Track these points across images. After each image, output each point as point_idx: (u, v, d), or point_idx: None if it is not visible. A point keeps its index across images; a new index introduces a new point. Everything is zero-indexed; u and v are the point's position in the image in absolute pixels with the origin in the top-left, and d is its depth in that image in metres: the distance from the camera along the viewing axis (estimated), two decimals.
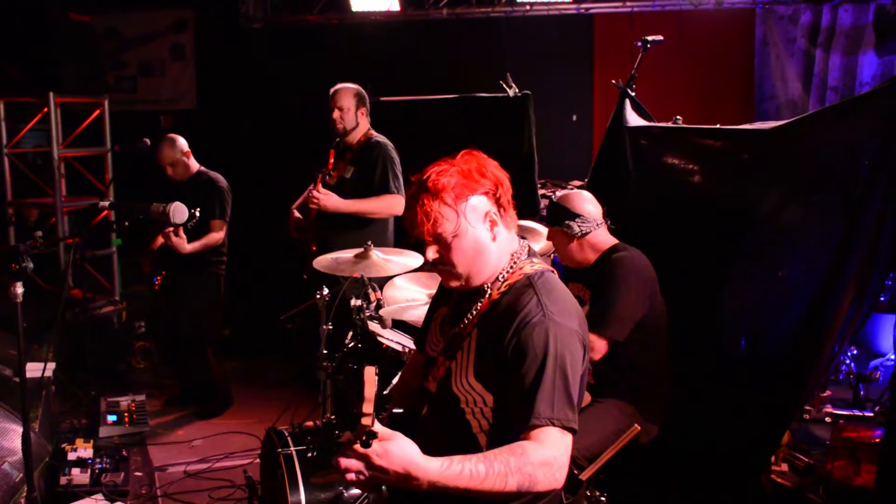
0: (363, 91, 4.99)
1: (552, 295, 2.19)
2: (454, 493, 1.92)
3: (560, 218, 3.68)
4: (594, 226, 3.65)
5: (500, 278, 2.28)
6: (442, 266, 2.26)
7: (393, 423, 2.40)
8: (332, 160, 4.89)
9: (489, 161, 2.27)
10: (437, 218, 2.16)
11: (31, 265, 3.15)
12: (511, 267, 2.29)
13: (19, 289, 3.15)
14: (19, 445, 3.87)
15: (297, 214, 5.12)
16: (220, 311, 5.64)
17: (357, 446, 1.84)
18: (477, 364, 2.22)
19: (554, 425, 2.02)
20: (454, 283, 2.29)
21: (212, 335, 5.62)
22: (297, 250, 5.20)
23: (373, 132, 5.00)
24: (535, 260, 2.33)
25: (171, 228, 4.93)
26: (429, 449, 1.95)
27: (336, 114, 4.87)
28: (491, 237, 2.23)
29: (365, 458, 1.85)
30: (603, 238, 3.69)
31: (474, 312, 2.29)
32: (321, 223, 4.87)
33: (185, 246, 5.07)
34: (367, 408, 1.79)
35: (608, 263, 3.61)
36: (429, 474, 1.88)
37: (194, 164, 5.43)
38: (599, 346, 3.44)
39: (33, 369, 3.76)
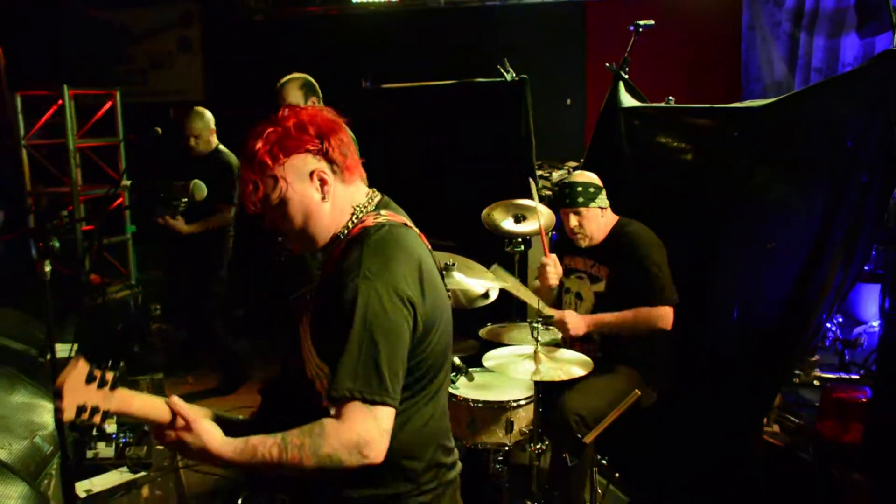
0: (309, 79, 4.86)
1: (379, 249, 1.90)
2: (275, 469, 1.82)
3: (592, 195, 3.67)
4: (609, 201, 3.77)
5: (341, 235, 2.02)
6: (279, 234, 2.04)
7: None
8: None
9: (315, 114, 2.00)
10: (256, 185, 1.95)
11: (57, 244, 3.08)
12: (353, 221, 2.02)
13: (48, 266, 3.08)
14: (49, 420, 4.01)
15: None
16: (224, 280, 5.63)
17: (169, 432, 1.85)
18: (312, 331, 2.01)
19: (355, 398, 1.78)
20: (297, 250, 2.08)
21: (218, 304, 5.64)
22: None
23: None
24: (382, 212, 2.04)
25: (167, 214, 5.07)
26: (293, 425, 1.84)
27: None
28: (320, 197, 1.98)
29: (178, 440, 1.84)
30: (612, 214, 3.82)
31: (318, 274, 2.08)
32: None
33: (184, 227, 5.23)
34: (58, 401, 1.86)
35: (628, 238, 3.67)
36: (223, 455, 1.82)
37: (214, 142, 5.55)
38: (667, 314, 3.52)
39: (60, 349, 3.88)
